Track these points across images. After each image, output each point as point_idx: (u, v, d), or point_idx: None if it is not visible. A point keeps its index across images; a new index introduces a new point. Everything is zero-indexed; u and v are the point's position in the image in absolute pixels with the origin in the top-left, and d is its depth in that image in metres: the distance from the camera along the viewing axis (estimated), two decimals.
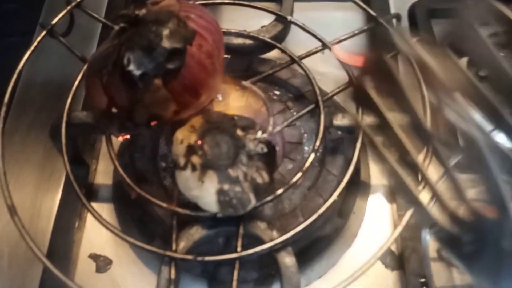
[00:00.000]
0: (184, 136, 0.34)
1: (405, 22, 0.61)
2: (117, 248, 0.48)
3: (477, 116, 0.52)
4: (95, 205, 0.50)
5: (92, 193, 0.51)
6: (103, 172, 0.53)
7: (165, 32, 0.32)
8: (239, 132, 0.34)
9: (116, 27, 0.34)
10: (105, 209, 0.51)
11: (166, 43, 0.32)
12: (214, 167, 0.33)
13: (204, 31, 0.35)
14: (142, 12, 0.34)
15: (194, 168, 0.33)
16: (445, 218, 0.29)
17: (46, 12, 0.63)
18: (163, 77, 0.33)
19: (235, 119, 0.35)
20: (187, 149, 0.34)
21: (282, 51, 0.45)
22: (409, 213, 0.38)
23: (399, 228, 0.37)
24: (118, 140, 0.49)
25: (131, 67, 0.32)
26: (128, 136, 0.44)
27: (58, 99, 0.44)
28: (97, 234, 0.49)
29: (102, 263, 0.48)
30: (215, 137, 0.34)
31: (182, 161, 0.34)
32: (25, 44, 0.59)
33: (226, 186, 0.33)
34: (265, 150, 0.34)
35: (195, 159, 0.33)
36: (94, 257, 0.48)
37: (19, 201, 0.51)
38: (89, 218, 0.50)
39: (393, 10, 0.61)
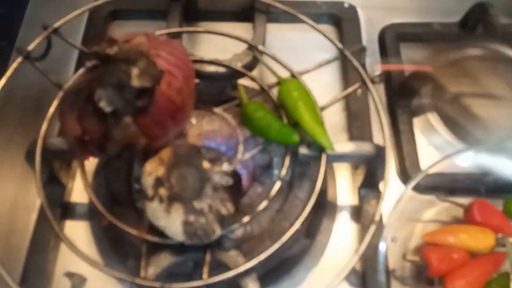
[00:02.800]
0: (152, 169, 0.36)
1: (375, 45, 0.64)
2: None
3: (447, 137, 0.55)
4: (71, 223, 0.53)
5: (68, 211, 0.52)
6: (80, 191, 0.54)
7: (135, 71, 0.34)
8: (205, 165, 0.36)
9: (88, 64, 0.35)
10: (80, 227, 0.52)
11: (136, 82, 0.34)
12: (180, 199, 0.35)
13: (173, 68, 0.36)
14: (113, 50, 0.35)
15: (161, 200, 0.35)
16: None
17: (23, 35, 0.63)
18: (133, 114, 0.35)
19: (202, 152, 0.37)
20: (155, 181, 0.35)
21: (253, 80, 0.47)
22: (368, 237, 0.40)
23: (359, 253, 0.39)
24: (92, 163, 0.51)
25: (102, 104, 0.34)
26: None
27: (36, 115, 0.45)
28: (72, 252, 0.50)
29: (77, 281, 0.49)
30: (182, 170, 0.36)
31: (150, 192, 0.36)
32: (11, 48, 0.60)
33: (191, 218, 0.35)
34: (230, 182, 0.36)
35: (162, 191, 0.35)
36: (69, 275, 0.49)
37: None
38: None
39: (364, 35, 0.64)
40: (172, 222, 0.35)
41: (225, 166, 0.36)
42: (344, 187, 0.55)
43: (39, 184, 0.40)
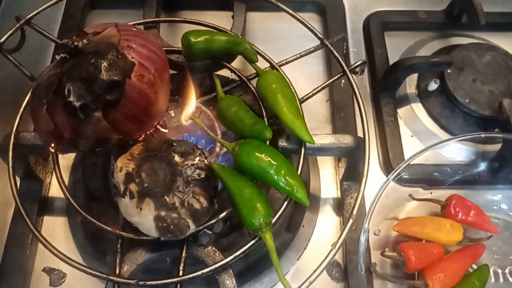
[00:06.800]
0: (123, 164, 0.35)
1: (360, 35, 0.63)
2: None
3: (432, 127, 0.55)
4: (49, 218, 0.52)
5: (46, 206, 0.52)
6: (57, 186, 0.52)
7: (104, 64, 0.33)
8: (177, 159, 0.35)
9: (57, 57, 0.34)
10: (59, 223, 0.51)
11: (105, 76, 0.33)
12: (150, 195, 0.34)
13: (146, 61, 0.35)
14: (82, 42, 0.34)
15: (132, 196, 0.34)
16: None
17: None
18: (104, 108, 0.33)
19: (173, 145, 0.36)
20: (126, 177, 0.35)
21: (232, 71, 0.46)
22: (345, 231, 0.39)
23: (337, 247, 0.38)
24: (69, 158, 0.49)
25: (71, 98, 0.33)
26: None
27: (14, 109, 0.44)
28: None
29: (56, 277, 0.49)
30: (152, 165, 0.35)
31: (122, 188, 0.35)
32: None
33: (163, 213, 0.34)
34: (202, 175, 0.35)
35: (133, 187, 0.34)
36: (48, 271, 0.49)
37: None
38: (44, 231, 0.51)
39: (349, 23, 0.63)
40: (144, 218, 0.34)
41: (197, 159, 0.35)
42: (328, 180, 0.54)
43: (12, 180, 0.39)
